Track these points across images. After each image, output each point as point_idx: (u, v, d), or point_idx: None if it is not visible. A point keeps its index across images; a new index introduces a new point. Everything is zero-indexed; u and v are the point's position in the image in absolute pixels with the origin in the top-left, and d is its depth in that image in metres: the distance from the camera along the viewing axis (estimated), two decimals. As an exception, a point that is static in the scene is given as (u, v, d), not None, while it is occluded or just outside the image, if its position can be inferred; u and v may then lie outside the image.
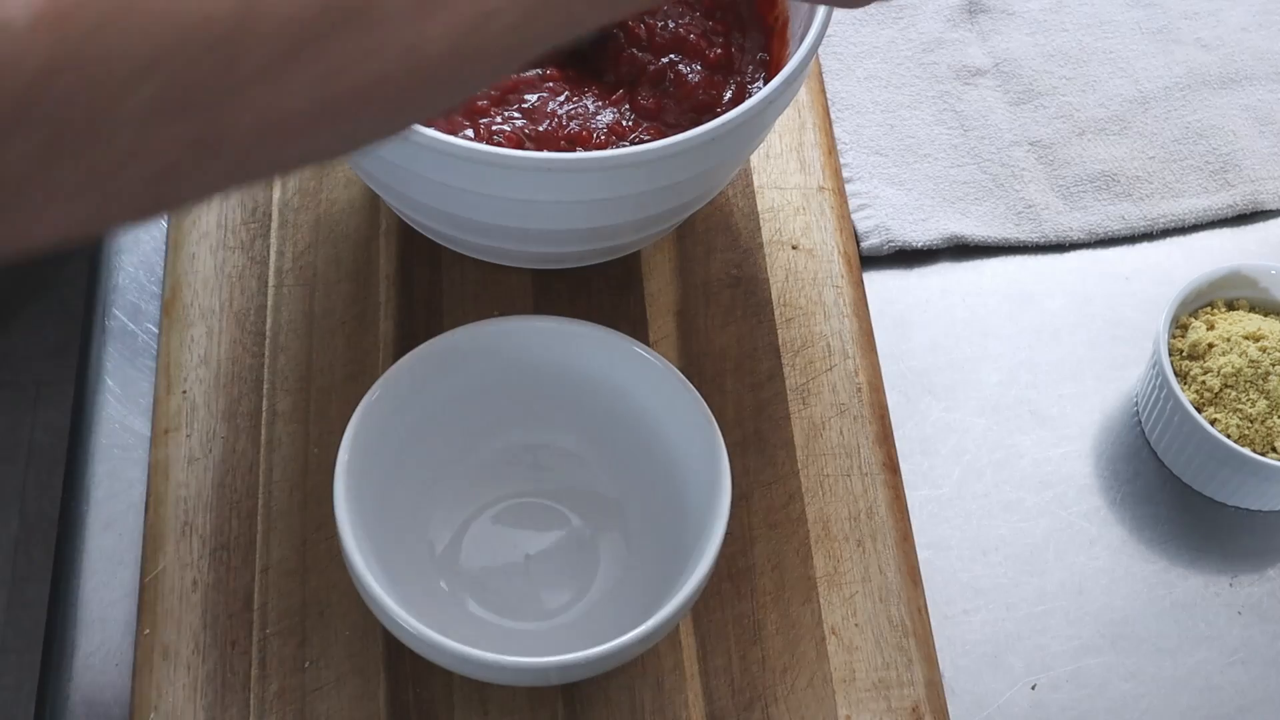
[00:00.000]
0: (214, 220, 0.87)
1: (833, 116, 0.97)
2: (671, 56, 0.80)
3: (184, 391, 0.81)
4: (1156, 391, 0.83)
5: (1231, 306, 0.86)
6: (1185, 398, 0.82)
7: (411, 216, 0.80)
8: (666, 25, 0.81)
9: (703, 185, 0.77)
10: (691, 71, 0.79)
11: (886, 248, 0.92)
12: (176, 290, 0.85)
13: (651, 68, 0.80)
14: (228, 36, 0.39)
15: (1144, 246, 0.95)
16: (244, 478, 0.79)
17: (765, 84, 0.75)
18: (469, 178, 0.71)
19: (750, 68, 0.82)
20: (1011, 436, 0.86)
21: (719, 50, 0.81)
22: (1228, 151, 0.98)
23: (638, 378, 0.75)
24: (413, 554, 0.75)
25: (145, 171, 0.40)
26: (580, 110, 0.78)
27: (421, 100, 0.45)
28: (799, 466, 0.81)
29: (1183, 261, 0.94)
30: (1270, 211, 0.96)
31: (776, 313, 0.86)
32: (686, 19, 0.82)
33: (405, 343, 0.82)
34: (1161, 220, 0.95)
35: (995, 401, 0.87)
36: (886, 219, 0.93)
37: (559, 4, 0.45)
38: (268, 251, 0.86)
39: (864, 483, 0.81)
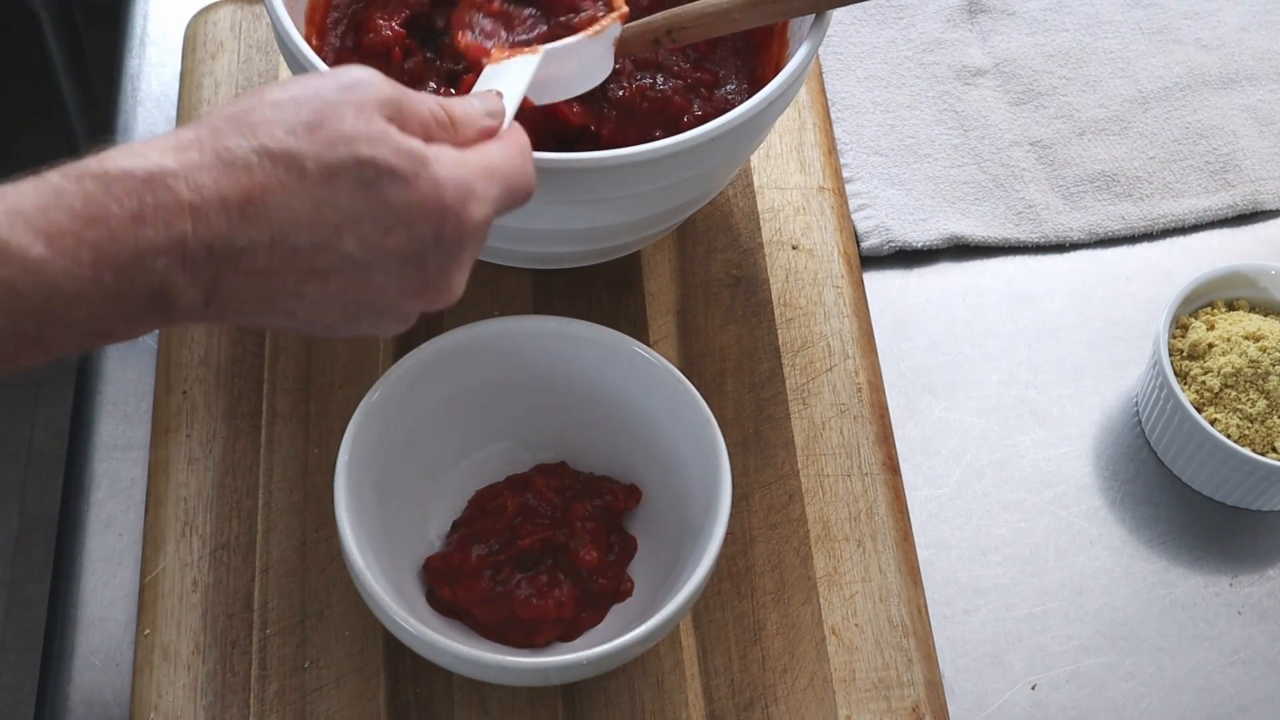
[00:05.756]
0: (214, 220, 0.87)
1: (833, 116, 0.97)
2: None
3: (184, 391, 0.81)
4: (1156, 391, 0.83)
5: (1231, 306, 0.86)
6: (1185, 398, 0.82)
7: (411, 216, 0.80)
8: (655, 85, 0.80)
9: (703, 185, 0.77)
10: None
11: (886, 248, 0.92)
12: (176, 290, 0.85)
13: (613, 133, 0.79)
14: None
15: (1144, 246, 0.95)
16: (244, 478, 0.79)
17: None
18: (469, 178, 0.71)
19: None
20: (1011, 436, 0.86)
21: (698, 113, 0.80)
22: (1228, 151, 0.98)
23: (638, 378, 0.75)
24: (413, 554, 0.75)
25: None
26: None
27: None
28: (799, 466, 0.81)
29: (1183, 261, 0.94)
30: (1270, 211, 0.96)
31: (776, 313, 0.86)
32: (676, 69, 0.82)
33: (405, 343, 0.82)
34: (1161, 220, 0.95)
35: (995, 401, 0.87)
36: (886, 219, 0.93)
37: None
38: (268, 251, 0.86)
39: (864, 483, 0.81)
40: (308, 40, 0.78)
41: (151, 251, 0.53)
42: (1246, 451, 0.80)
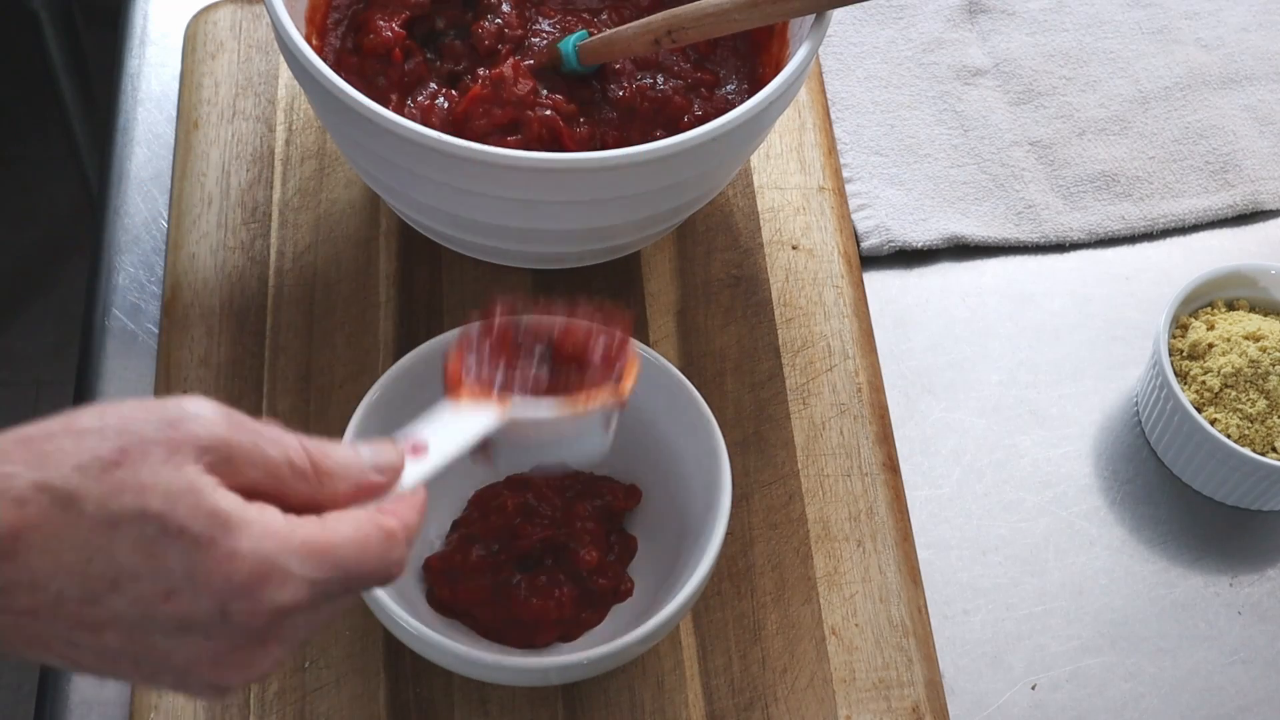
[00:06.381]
0: (214, 220, 0.87)
1: (833, 116, 0.97)
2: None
3: (184, 391, 0.81)
4: (1156, 391, 0.83)
5: (1231, 306, 0.86)
6: (1185, 398, 0.82)
7: (412, 217, 0.80)
8: (655, 85, 0.80)
9: (703, 185, 0.77)
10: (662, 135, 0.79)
11: (886, 248, 0.92)
12: (176, 290, 0.85)
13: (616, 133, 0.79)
14: None
15: (1144, 246, 0.95)
16: (244, 478, 0.78)
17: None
18: (470, 178, 0.71)
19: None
20: (1011, 436, 0.86)
21: (698, 113, 0.80)
22: (1228, 151, 0.98)
23: (638, 378, 0.75)
24: (413, 554, 0.75)
25: None
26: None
27: None
28: (799, 466, 0.81)
29: (1183, 261, 0.94)
30: (1270, 211, 0.96)
31: (776, 313, 0.86)
32: (676, 69, 0.82)
33: (405, 343, 0.82)
34: (1161, 220, 0.95)
35: (995, 401, 0.87)
36: (886, 219, 0.93)
37: None
38: (268, 251, 0.86)
39: (864, 483, 0.81)
40: (308, 40, 0.78)
41: None
42: (1246, 451, 0.80)
